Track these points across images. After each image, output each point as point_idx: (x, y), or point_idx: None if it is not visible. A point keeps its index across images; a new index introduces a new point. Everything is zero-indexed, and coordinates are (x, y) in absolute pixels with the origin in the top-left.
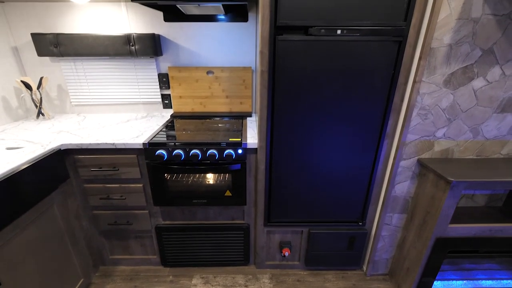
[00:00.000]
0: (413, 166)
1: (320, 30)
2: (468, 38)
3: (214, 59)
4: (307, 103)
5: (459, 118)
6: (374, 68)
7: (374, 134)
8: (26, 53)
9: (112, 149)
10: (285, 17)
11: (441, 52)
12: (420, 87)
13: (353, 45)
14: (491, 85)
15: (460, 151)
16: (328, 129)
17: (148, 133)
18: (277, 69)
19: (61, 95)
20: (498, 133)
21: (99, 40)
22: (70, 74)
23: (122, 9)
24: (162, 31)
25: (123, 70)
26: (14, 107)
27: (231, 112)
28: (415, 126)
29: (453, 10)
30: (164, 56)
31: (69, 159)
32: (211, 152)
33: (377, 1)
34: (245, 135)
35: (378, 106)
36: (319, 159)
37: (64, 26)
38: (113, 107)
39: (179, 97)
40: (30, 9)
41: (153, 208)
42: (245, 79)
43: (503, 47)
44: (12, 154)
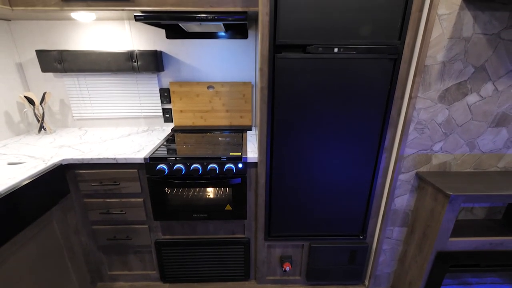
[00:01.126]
0: (412, 180)
1: (317, 48)
2: (461, 56)
3: (215, 74)
4: (307, 118)
5: (455, 132)
6: (371, 84)
7: (373, 148)
8: (30, 69)
9: (113, 164)
10: (284, 36)
11: (435, 69)
12: (416, 102)
13: (350, 62)
14: (485, 101)
15: (457, 165)
16: (328, 143)
17: (149, 147)
18: (276, 85)
19: (63, 109)
20: (494, 146)
21: (102, 57)
22: (73, 89)
23: (125, 27)
24: (164, 47)
25: (125, 85)
26: (16, 122)
27: (231, 125)
28: (412, 140)
29: (445, 29)
30: (165, 71)
31: (70, 174)
32: (211, 167)
33: (372, 21)
34: (245, 149)
35: (376, 120)
36: (319, 172)
37: (68, 43)
38: (114, 121)
39: (180, 111)
40: (35, 26)
41: (153, 222)
42: (245, 93)
43: (494, 64)
44: (14, 169)
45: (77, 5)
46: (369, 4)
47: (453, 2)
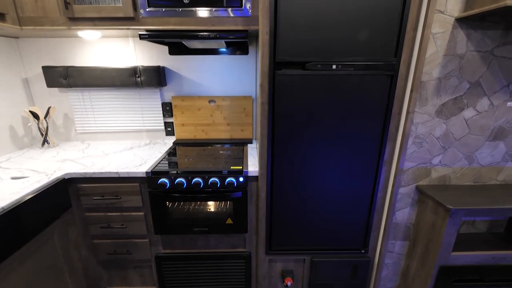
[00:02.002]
0: (412, 193)
1: (316, 65)
2: (456, 72)
3: (216, 89)
4: (307, 132)
5: (453, 146)
6: (369, 99)
7: (373, 161)
8: (36, 84)
9: (115, 178)
10: (284, 54)
11: (431, 85)
12: (414, 117)
13: (348, 78)
14: (481, 115)
15: (457, 178)
16: (328, 156)
17: (151, 161)
18: (276, 100)
19: (66, 123)
20: (492, 160)
21: (107, 72)
22: (77, 103)
23: (130, 44)
24: (167, 63)
25: (128, 100)
26: (20, 136)
27: (232, 139)
28: (411, 153)
29: (439, 47)
30: (168, 86)
31: (72, 188)
32: (212, 180)
33: (369, 39)
34: (246, 162)
35: (375, 134)
36: (320, 186)
37: (74, 59)
38: (117, 135)
39: (182, 124)
40: (43, 44)
41: (154, 236)
42: (246, 107)
43: (489, 80)
44: (17, 184)
45: (84, 24)
46: (365, 23)
47: (446, 22)
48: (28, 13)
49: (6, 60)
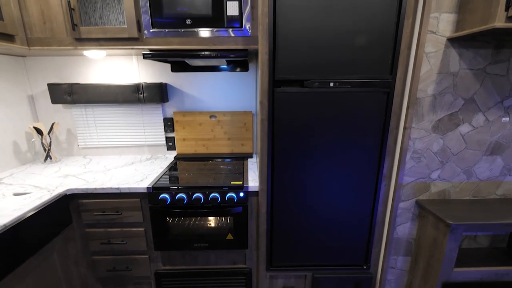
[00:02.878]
0: (412, 208)
1: (314, 83)
2: (450, 89)
3: (217, 104)
4: (306, 148)
5: (451, 161)
6: (367, 115)
7: (372, 176)
8: (41, 100)
9: (116, 193)
10: (282, 72)
11: (426, 101)
12: (411, 132)
13: (346, 95)
14: (477, 130)
15: (456, 192)
16: (328, 171)
17: (152, 176)
18: (276, 117)
19: (69, 138)
20: (490, 174)
21: (110, 89)
22: (80, 119)
23: (133, 61)
24: (169, 80)
25: (131, 115)
26: (23, 151)
27: (233, 153)
28: (410, 168)
29: (433, 65)
30: (170, 102)
31: (73, 203)
32: (213, 196)
33: (365, 58)
34: (246, 177)
35: (374, 149)
36: (320, 201)
37: (79, 76)
38: (118, 149)
39: (183, 139)
40: (49, 62)
41: (154, 253)
42: (246, 122)
43: (483, 96)
44: (19, 200)
45: (90, 44)
46: (361, 42)
47: (438, 41)
48: (37, 34)
49: (13, 78)
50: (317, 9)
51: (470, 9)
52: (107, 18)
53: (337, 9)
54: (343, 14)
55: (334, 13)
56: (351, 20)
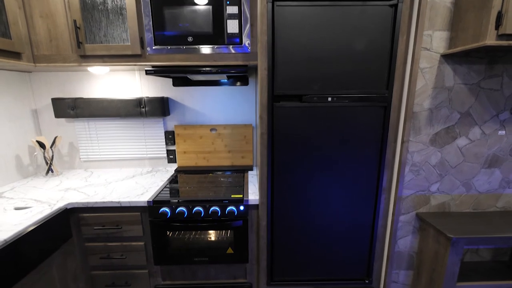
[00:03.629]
0: (413, 221)
1: (312, 98)
2: (446, 103)
3: (217, 118)
4: (306, 161)
5: (450, 174)
6: (365, 129)
7: (372, 189)
8: (44, 114)
9: (117, 207)
10: (281, 87)
11: (423, 115)
12: (409, 146)
13: (344, 109)
14: (474, 143)
15: (456, 205)
16: (327, 185)
17: (153, 189)
18: (275, 131)
19: (71, 151)
20: (490, 187)
21: (113, 103)
22: (82, 132)
23: (136, 76)
24: (170, 94)
25: (133, 129)
26: (26, 165)
27: (233, 166)
28: (409, 181)
29: (428, 80)
30: (171, 115)
31: (74, 217)
32: (213, 209)
33: (362, 73)
34: (246, 190)
35: (373, 162)
36: (321, 214)
37: (82, 91)
38: (120, 162)
39: (184, 152)
40: (53, 77)
41: (153, 267)
42: (246, 135)
43: (478, 110)
44: (20, 214)
45: (94, 61)
46: (358, 58)
47: (433, 58)
48: (43, 51)
49: (17, 93)
50: (314, 27)
51: (462, 27)
52: (111, 36)
53: (333, 26)
54: (340, 31)
55: (330, 31)
56: (348, 37)
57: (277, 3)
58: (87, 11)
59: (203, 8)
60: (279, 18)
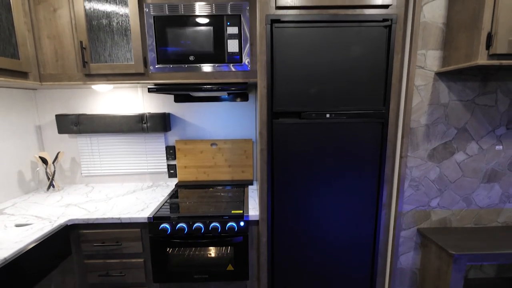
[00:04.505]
0: (414, 236)
1: (311, 114)
2: (442, 119)
3: (218, 133)
4: (306, 177)
5: (449, 189)
6: (363, 144)
7: (372, 204)
8: (48, 130)
9: (117, 223)
10: (280, 104)
11: (420, 131)
12: (408, 161)
13: (342, 125)
14: (472, 158)
15: (457, 220)
16: (328, 199)
17: (153, 205)
18: (275, 147)
19: (73, 167)
20: (490, 202)
21: (115, 119)
22: (85, 148)
23: (138, 92)
24: (172, 110)
25: (134, 144)
26: (27, 180)
27: (233, 180)
28: (409, 196)
29: (424, 97)
30: (172, 130)
31: (74, 234)
32: (213, 225)
33: (359, 90)
34: (246, 205)
35: (372, 177)
36: (321, 230)
37: (85, 107)
38: (121, 177)
39: (184, 167)
40: (58, 94)
41: (152, 285)
42: (246, 149)
43: (474, 126)
44: (21, 232)
45: (99, 79)
46: (355, 76)
47: (427, 75)
48: (49, 71)
49: (22, 109)
50: (312, 46)
51: (454, 46)
52: (116, 55)
53: (331, 46)
54: (337, 50)
55: (328, 50)
56: (345, 56)
57: (275, 25)
58: (93, 32)
59: (205, 29)
60: (277, 39)
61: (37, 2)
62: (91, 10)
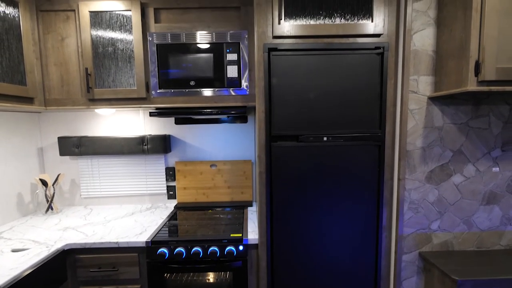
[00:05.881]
0: (416, 260)
1: (308, 138)
2: (437, 142)
3: (218, 154)
4: (305, 199)
5: (449, 211)
6: (361, 167)
7: (372, 227)
8: (49, 152)
9: (115, 248)
10: (278, 128)
11: (416, 153)
12: (406, 183)
13: (339, 148)
14: (470, 180)
15: (459, 243)
16: (327, 222)
17: (151, 228)
18: (274, 170)
19: (72, 188)
20: (491, 224)
21: (116, 141)
22: (85, 169)
23: (140, 115)
24: (172, 131)
25: (134, 165)
26: (26, 202)
27: (233, 201)
28: (409, 219)
29: (418, 121)
30: (172, 152)
31: (70, 259)
32: (212, 250)
33: (355, 114)
34: (246, 228)
35: (371, 200)
36: (322, 254)
37: (88, 129)
38: (120, 199)
39: (184, 188)
40: (61, 117)
41: None
42: (246, 170)
43: (469, 148)
44: (17, 257)
45: (102, 104)
46: (350, 100)
47: (420, 100)
48: (54, 96)
49: (26, 132)
50: (308, 72)
51: (444, 72)
52: (119, 81)
53: (326, 72)
54: (332, 76)
55: (324, 76)
56: (340, 81)
57: (273, 53)
58: (98, 59)
59: (205, 56)
60: (275, 65)
61: (47, 32)
62: (97, 39)
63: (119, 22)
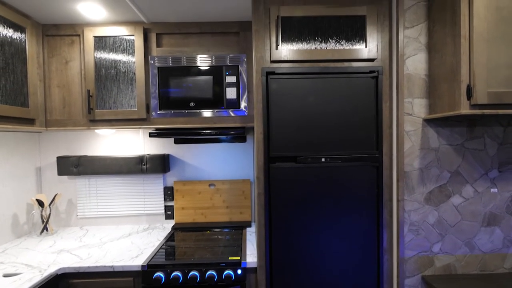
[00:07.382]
0: (419, 285)
1: (307, 159)
2: (434, 163)
3: (216, 173)
4: (304, 221)
5: (450, 233)
6: (360, 188)
7: (373, 250)
8: (48, 172)
9: (110, 272)
10: (277, 149)
11: (414, 174)
12: (405, 204)
13: (337, 169)
14: (469, 201)
15: (462, 266)
16: (327, 244)
17: (148, 250)
18: (272, 191)
19: (69, 208)
20: (493, 246)
21: (115, 161)
22: (83, 189)
23: (140, 134)
24: (171, 151)
25: (132, 185)
26: (21, 223)
27: (231, 222)
28: (410, 241)
29: (414, 142)
30: (171, 171)
31: (63, 283)
32: (210, 274)
33: (352, 135)
34: (244, 250)
35: (371, 221)
36: (322, 277)
37: (87, 149)
38: (116, 219)
39: (182, 208)
40: (61, 136)
41: None
42: (244, 190)
43: (467, 169)
44: (9, 283)
45: (102, 125)
46: (347, 122)
47: (416, 122)
48: (55, 117)
49: (25, 152)
50: (306, 95)
51: (438, 95)
52: (120, 102)
53: (323, 94)
54: (329, 99)
55: (320, 98)
56: (337, 103)
57: (270, 76)
58: (100, 82)
59: (205, 78)
60: (273, 88)
61: (51, 55)
62: (100, 62)
63: (122, 46)
